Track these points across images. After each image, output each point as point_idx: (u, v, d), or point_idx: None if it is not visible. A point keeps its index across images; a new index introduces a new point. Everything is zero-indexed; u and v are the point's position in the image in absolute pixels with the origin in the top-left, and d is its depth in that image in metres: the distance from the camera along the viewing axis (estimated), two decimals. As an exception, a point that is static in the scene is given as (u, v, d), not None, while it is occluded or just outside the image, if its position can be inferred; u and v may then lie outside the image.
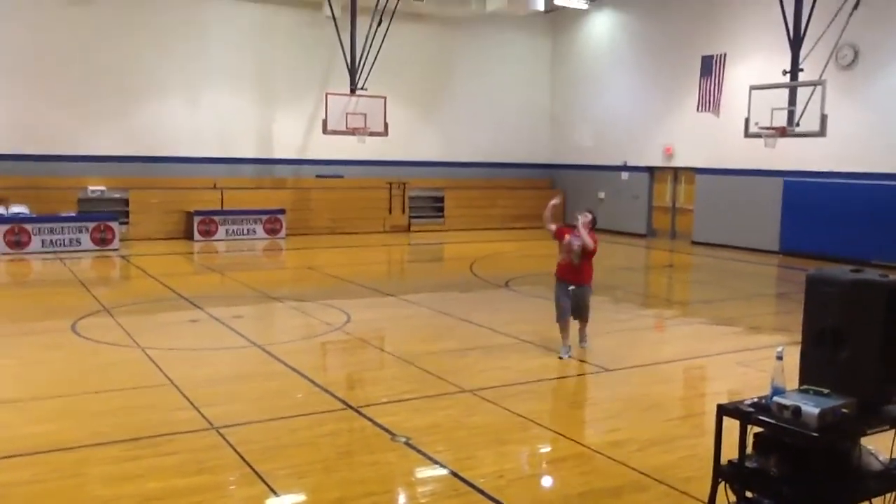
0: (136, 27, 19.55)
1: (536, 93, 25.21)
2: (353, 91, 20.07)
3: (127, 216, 19.14)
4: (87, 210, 18.46)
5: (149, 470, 5.33)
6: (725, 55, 19.51)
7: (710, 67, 19.86)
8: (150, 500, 4.89)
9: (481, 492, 5.04)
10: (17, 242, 16.66)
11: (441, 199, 23.59)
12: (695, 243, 20.48)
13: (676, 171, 21.58)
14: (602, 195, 23.48)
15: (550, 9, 22.84)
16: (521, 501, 4.98)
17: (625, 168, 22.80)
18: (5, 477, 5.22)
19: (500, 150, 24.67)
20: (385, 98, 20.27)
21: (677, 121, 21.06)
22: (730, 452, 4.03)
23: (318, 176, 22.12)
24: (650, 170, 22.19)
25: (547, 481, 5.48)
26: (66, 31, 18.79)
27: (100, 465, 5.43)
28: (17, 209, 17.61)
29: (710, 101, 19.98)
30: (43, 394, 7.10)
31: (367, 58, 20.04)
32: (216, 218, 19.68)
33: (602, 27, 23.53)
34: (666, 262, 18.53)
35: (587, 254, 8.62)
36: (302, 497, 5.13)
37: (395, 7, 19.99)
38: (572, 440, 6.09)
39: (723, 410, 4.05)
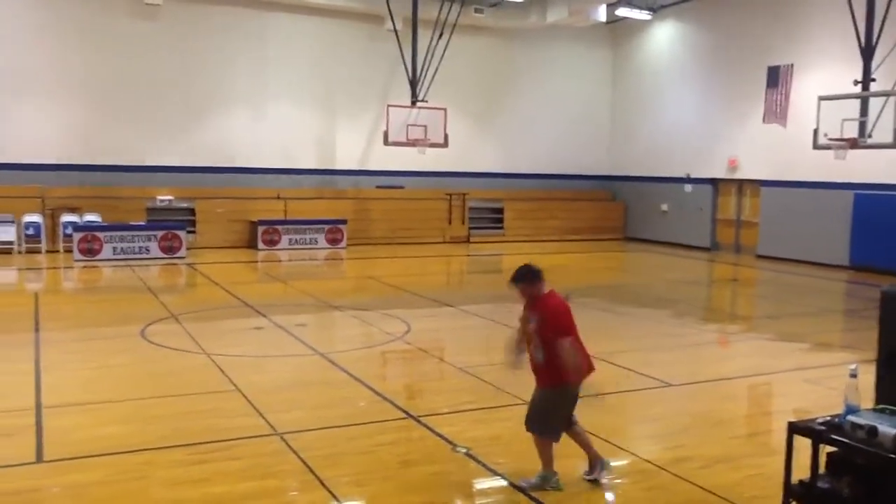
0: (202, 42, 20.08)
1: (596, 104, 25.05)
2: (413, 103, 20.24)
3: (193, 225, 19.61)
4: (156, 219, 18.99)
5: (213, 474, 5.44)
6: (793, 65, 19.07)
7: (777, 78, 19.44)
8: (215, 503, 4.98)
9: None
10: (90, 250, 17.21)
11: (500, 211, 23.57)
12: (760, 257, 20.02)
13: (741, 184, 21.15)
14: (665, 207, 23.17)
15: (612, 20, 22.70)
16: (583, 516, 4.93)
17: (688, 180, 22.44)
18: (77, 478, 5.39)
19: (560, 162, 24.57)
20: (445, 110, 20.39)
21: (742, 132, 20.66)
22: (799, 472, 3.92)
23: (378, 187, 22.33)
24: (714, 182, 21.80)
25: (609, 496, 5.40)
26: (134, 47, 19.40)
27: (166, 469, 5.55)
28: (89, 218, 18.23)
29: (776, 113, 19.55)
30: (113, 397, 7.30)
31: (427, 70, 20.21)
32: (279, 227, 20.03)
33: (664, 38, 23.27)
34: (730, 276, 18.15)
35: (547, 345, 5.23)
36: (363, 505, 5.17)
37: (456, 20, 20.13)
38: (635, 455, 6.00)
39: (794, 429, 3.95)
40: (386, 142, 20.05)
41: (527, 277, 5.28)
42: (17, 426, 6.32)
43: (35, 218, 18.04)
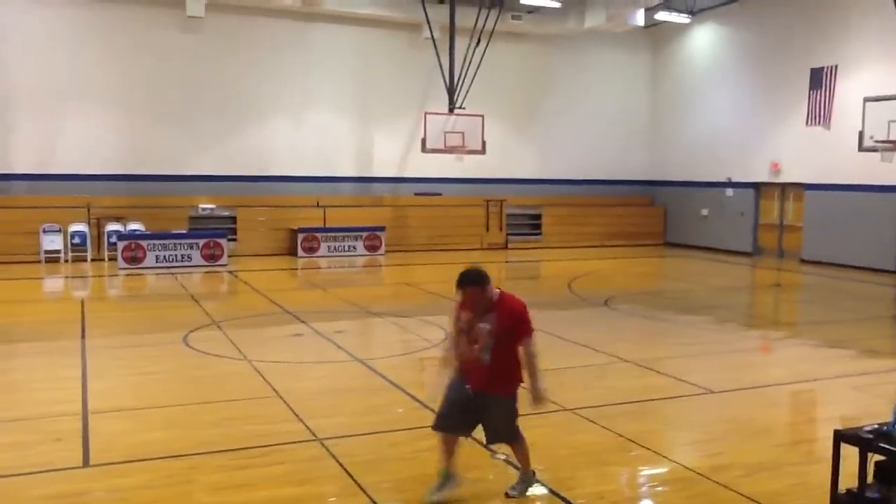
0: (243, 53, 20.38)
1: (635, 108, 24.87)
2: (451, 110, 20.30)
3: (235, 233, 19.88)
4: (198, 227, 19.29)
5: (255, 479, 5.50)
6: (837, 67, 18.75)
7: (821, 79, 19.13)
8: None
9: (582, 512, 4.98)
10: (134, 258, 17.54)
11: (538, 217, 23.50)
12: (804, 262, 19.68)
13: (784, 187, 20.82)
14: (705, 212, 22.91)
15: (650, 24, 22.54)
16: (624, 524, 4.89)
17: (729, 184, 22.16)
18: (122, 482, 5.48)
19: (598, 167, 24.43)
20: (483, 116, 20.42)
21: (784, 135, 20.34)
22: (847, 481, 3.85)
23: (416, 194, 22.42)
24: (756, 186, 21.49)
25: (650, 504, 5.36)
26: (178, 59, 19.77)
27: (208, 474, 5.63)
28: (133, 227, 18.58)
29: (820, 115, 19.23)
30: (156, 403, 7.43)
31: (465, 77, 20.26)
32: (319, 235, 20.20)
33: (704, 41, 23.03)
34: (773, 282, 17.86)
35: (505, 345, 5.08)
36: (402, 511, 5.18)
37: (494, 27, 20.16)
38: (676, 463, 5.93)
39: (841, 437, 3.88)
40: (424, 149, 20.13)
41: (479, 281, 5.02)
42: (65, 431, 6.46)
43: (81, 227, 18.44)
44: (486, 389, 5.07)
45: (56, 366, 8.84)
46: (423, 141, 20.11)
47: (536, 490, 5.37)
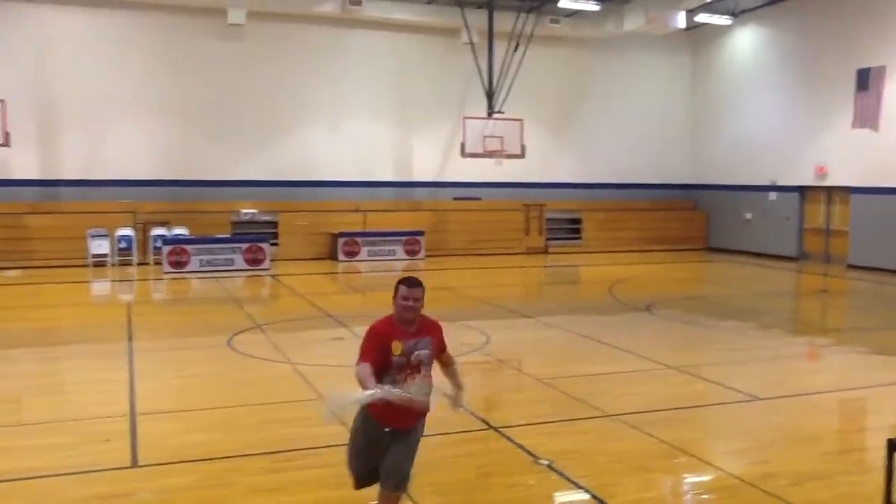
0: (283, 60, 20.63)
1: (676, 112, 24.61)
2: (490, 114, 20.29)
3: (276, 237, 20.09)
4: (240, 232, 19.53)
5: (294, 482, 5.55)
6: (885, 67, 18.35)
7: (868, 81, 18.72)
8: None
9: (626, 519, 4.92)
10: (178, 262, 17.81)
11: (578, 221, 23.37)
12: (851, 267, 19.26)
13: (830, 191, 20.42)
14: (749, 216, 22.56)
15: (691, 26, 22.28)
16: (668, 532, 4.82)
17: (773, 188, 21.80)
18: (167, 483, 5.57)
19: (639, 171, 24.22)
20: (522, 121, 20.39)
21: (830, 138, 19.95)
22: (900, 491, 3.76)
23: (455, 198, 22.44)
24: (801, 189, 21.11)
25: (694, 512, 5.28)
26: (219, 67, 20.09)
27: (249, 476, 5.68)
28: (178, 231, 18.88)
29: (867, 117, 18.82)
30: (201, 405, 7.53)
31: (503, 81, 20.24)
32: (359, 239, 20.33)
33: (746, 43, 22.70)
34: (819, 287, 17.52)
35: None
36: (444, 515, 5.17)
37: (532, 31, 20.12)
38: (721, 470, 5.84)
39: (894, 445, 3.78)
40: (463, 153, 20.15)
41: (422, 285, 4.42)
42: (112, 432, 6.58)
43: (127, 232, 18.79)
44: (412, 422, 4.42)
45: (103, 368, 9.01)
46: (462, 145, 20.14)
47: (578, 496, 5.32)
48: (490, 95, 20.39)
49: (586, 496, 5.31)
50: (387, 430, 4.37)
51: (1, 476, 5.66)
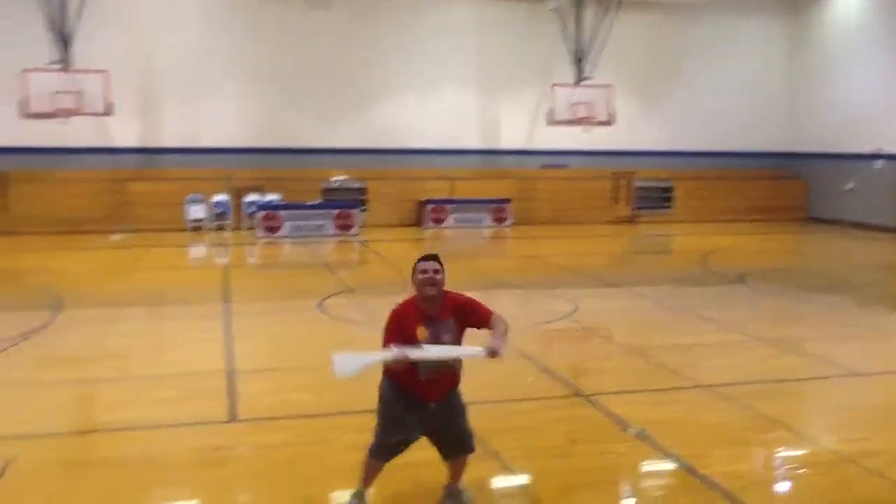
0: (372, 29, 20.72)
1: (772, 76, 23.60)
2: (578, 81, 19.96)
3: (365, 204, 20.39)
4: (331, 199, 19.90)
5: (390, 441, 5.65)
6: None
7: None
8: (391, 468, 5.15)
9: (721, 490, 4.84)
10: (271, 227, 18.31)
11: (669, 190, 22.83)
12: (962, 240, 18.25)
13: (941, 159, 19.32)
14: (851, 185, 21.56)
15: (791, -14, 21.30)
16: (762, 505, 4.73)
17: (879, 156, 20.75)
18: (265, 438, 5.79)
19: (733, 138, 23.40)
20: (611, 86, 19.98)
21: (944, 102, 18.83)
22: None
23: (542, 166, 22.24)
24: (908, 157, 20.05)
25: (791, 487, 5.15)
26: (310, 36, 20.37)
27: (345, 434, 5.82)
28: (271, 197, 19.38)
29: None
30: (295, 365, 7.76)
31: (592, 47, 19.85)
32: (446, 206, 20.43)
33: (849, 3, 21.53)
34: (926, 260, 16.69)
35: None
36: (532, 479, 5.19)
37: (623, -5, 19.64)
38: (818, 444, 5.69)
39: None
40: (550, 121, 19.92)
41: (440, 260, 4.26)
42: (212, 388, 6.86)
43: (223, 198, 19.40)
44: (448, 394, 4.34)
45: (203, 328, 9.39)
46: (550, 113, 19.90)
47: (668, 465, 5.26)
48: (578, 62, 20.05)
49: (676, 466, 5.25)
50: (431, 405, 4.26)
51: (120, 425, 6.04)
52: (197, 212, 19.15)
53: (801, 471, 5.35)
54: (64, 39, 17.74)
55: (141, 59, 19.44)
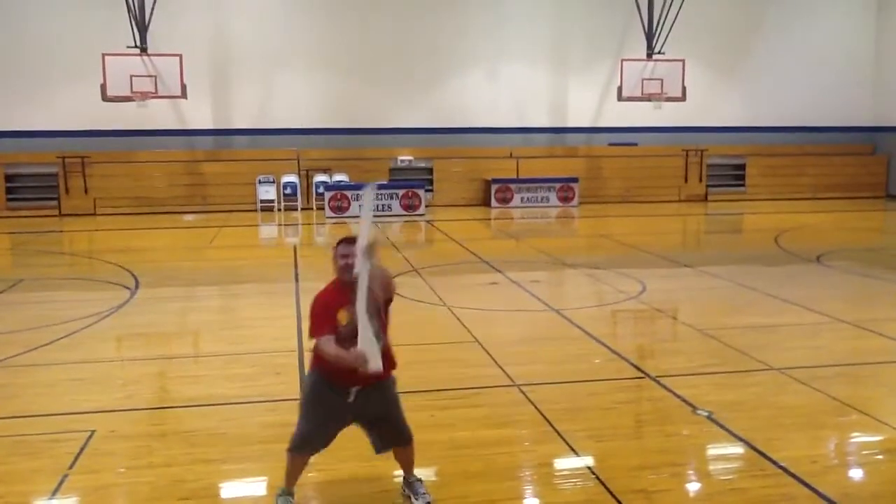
0: (439, 8, 20.70)
1: (856, 48, 22.70)
2: (649, 56, 19.56)
3: (432, 184, 20.45)
4: (397, 178, 20.02)
5: (458, 419, 5.71)
6: None
7: None
8: (460, 447, 5.24)
9: (792, 475, 4.74)
10: (339, 207, 18.55)
11: (742, 167, 22.25)
12: None
13: None
14: (936, 161, 20.68)
15: (878, -48, 20.38)
16: (840, 491, 4.60)
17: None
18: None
19: (811, 113, 22.63)
20: (683, 61, 19.53)
21: None
22: None
23: (611, 144, 21.91)
24: None
25: (870, 473, 5.00)
26: (378, 17, 20.49)
27: (413, 412, 5.81)
28: (339, 178, 19.61)
29: None
30: (364, 343, 7.86)
31: (664, 21, 19.39)
32: (512, 186, 20.34)
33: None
34: None
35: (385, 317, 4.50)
36: (601, 461, 5.17)
37: (698, -35, 19.09)
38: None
39: None
40: (619, 97, 19.58)
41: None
42: (283, 365, 7.02)
43: (292, 178, 19.73)
44: (373, 379, 4.17)
45: (274, 305, 9.60)
46: (619, 89, 19.55)
47: (739, 449, 5.17)
48: (650, 36, 19.62)
49: (748, 449, 5.15)
50: (353, 389, 4.20)
51: (197, 401, 6.24)
52: (267, 192, 19.54)
53: (878, 456, 5.19)
54: (142, 24, 18.22)
55: (213, 43, 19.85)
